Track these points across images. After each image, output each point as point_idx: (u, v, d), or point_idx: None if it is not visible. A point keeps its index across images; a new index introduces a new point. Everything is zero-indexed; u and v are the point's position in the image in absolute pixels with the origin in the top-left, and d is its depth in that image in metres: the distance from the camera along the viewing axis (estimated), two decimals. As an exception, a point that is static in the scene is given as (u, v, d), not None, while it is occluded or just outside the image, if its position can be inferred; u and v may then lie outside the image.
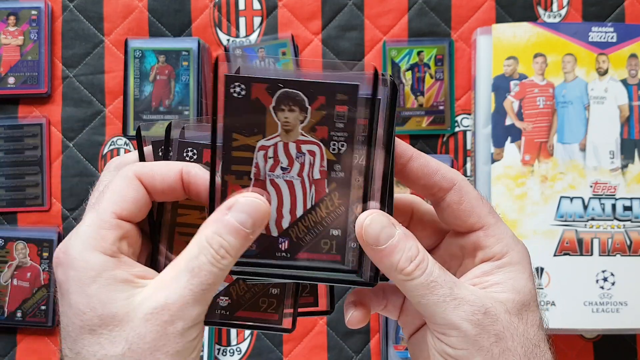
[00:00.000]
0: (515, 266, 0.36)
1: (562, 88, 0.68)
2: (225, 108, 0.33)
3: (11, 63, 0.73)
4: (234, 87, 0.33)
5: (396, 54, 0.72)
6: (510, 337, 0.34)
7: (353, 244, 0.35)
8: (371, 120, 0.34)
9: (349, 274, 0.35)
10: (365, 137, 0.34)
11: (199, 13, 0.73)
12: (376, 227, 0.33)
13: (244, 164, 0.34)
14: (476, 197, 0.36)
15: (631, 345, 0.72)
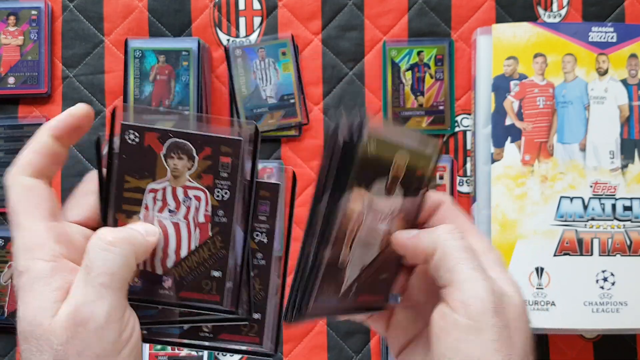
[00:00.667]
0: (501, 264, 0.39)
1: (562, 88, 0.68)
2: (120, 152, 0.36)
3: (11, 63, 0.73)
4: (129, 134, 0.36)
5: (396, 54, 0.72)
6: (517, 329, 0.36)
7: (229, 284, 0.37)
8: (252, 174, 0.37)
9: (227, 314, 0.37)
10: (246, 187, 0.37)
11: (199, 13, 0.73)
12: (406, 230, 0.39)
13: (134, 204, 0.37)
14: (458, 211, 0.40)
15: (631, 346, 0.72)
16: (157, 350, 0.70)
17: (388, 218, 0.37)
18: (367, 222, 0.36)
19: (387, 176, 0.36)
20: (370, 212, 0.36)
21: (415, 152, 0.37)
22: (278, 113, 0.72)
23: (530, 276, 0.67)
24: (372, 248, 0.38)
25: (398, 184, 0.37)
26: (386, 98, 0.72)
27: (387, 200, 0.37)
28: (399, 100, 0.72)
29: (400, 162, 0.36)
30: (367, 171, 0.35)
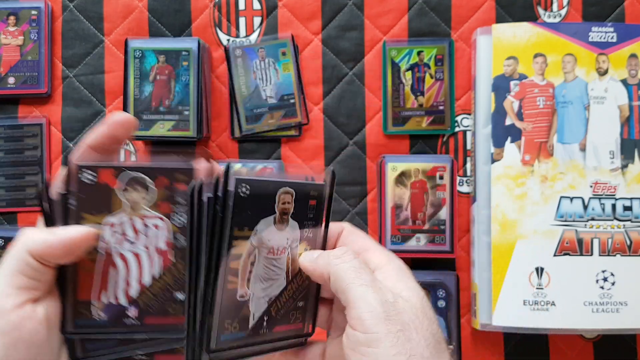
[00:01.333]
0: (400, 272, 0.41)
1: (562, 88, 0.68)
2: (77, 191, 0.38)
3: (11, 63, 0.73)
4: (84, 174, 0.38)
5: (396, 54, 0.72)
6: (415, 329, 0.37)
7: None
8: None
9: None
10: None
11: (199, 13, 0.73)
12: (312, 252, 0.42)
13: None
14: (360, 233, 0.43)
15: (631, 346, 0.72)
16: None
17: (287, 250, 0.41)
18: (262, 258, 0.40)
19: (274, 213, 0.40)
20: (262, 248, 0.39)
21: (302, 185, 0.41)
22: (278, 113, 0.72)
23: (530, 276, 0.67)
24: (276, 280, 0.40)
25: (289, 217, 0.40)
26: (386, 98, 0.72)
27: (280, 234, 0.40)
28: (399, 100, 0.72)
29: (286, 198, 0.40)
30: (245, 214, 0.38)
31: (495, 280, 0.67)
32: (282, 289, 0.41)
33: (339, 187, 0.73)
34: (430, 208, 0.69)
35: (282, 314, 0.41)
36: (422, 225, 0.69)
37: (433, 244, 0.69)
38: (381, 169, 0.69)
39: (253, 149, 0.73)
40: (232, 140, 0.73)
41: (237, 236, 0.38)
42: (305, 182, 0.41)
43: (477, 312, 0.68)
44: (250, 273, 0.39)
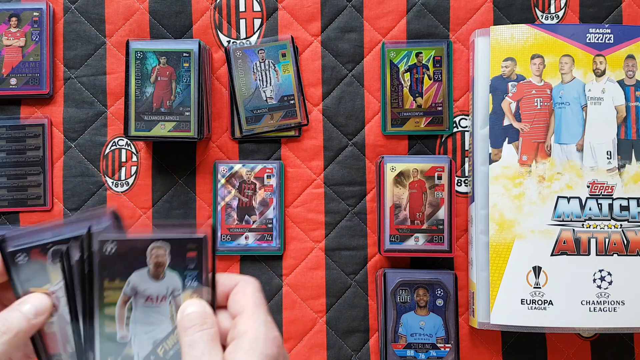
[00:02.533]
0: (252, 344, 0.41)
1: (559, 89, 0.68)
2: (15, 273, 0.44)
3: (13, 64, 0.73)
4: (19, 256, 0.44)
5: (395, 56, 0.73)
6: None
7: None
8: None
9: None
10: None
11: (200, 15, 0.74)
12: (190, 302, 0.44)
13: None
14: (251, 290, 0.44)
15: (628, 344, 0.72)
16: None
17: (169, 298, 0.44)
18: (139, 305, 0.44)
19: (147, 266, 0.44)
20: (139, 297, 0.44)
21: (175, 239, 0.44)
22: (278, 114, 0.73)
23: (527, 275, 0.67)
24: (160, 325, 0.44)
25: (166, 268, 0.44)
26: (385, 99, 0.73)
27: (157, 284, 0.44)
28: (398, 101, 0.72)
29: (158, 252, 0.44)
30: (114, 268, 0.43)
31: (493, 279, 0.67)
32: (167, 333, 0.44)
33: (339, 187, 0.73)
34: (429, 208, 0.69)
35: (171, 355, 0.44)
36: (420, 225, 0.69)
37: (431, 243, 0.69)
38: (380, 169, 0.70)
39: (253, 149, 0.74)
40: (232, 141, 0.74)
41: (109, 287, 0.44)
42: (178, 236, 0.44)
43: (475, 311, 0.69)
44: (129, 318, 0.44)
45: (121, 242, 0.44)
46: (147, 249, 0.44)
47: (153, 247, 0.44)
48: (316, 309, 0.72)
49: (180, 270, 0.44)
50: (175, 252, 0.44)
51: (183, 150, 0.74)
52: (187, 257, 0.44)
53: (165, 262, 0.44)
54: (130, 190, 0.74)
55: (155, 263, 0.44)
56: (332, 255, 0.73)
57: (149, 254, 0.44)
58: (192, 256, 0.44)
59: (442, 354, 0.68)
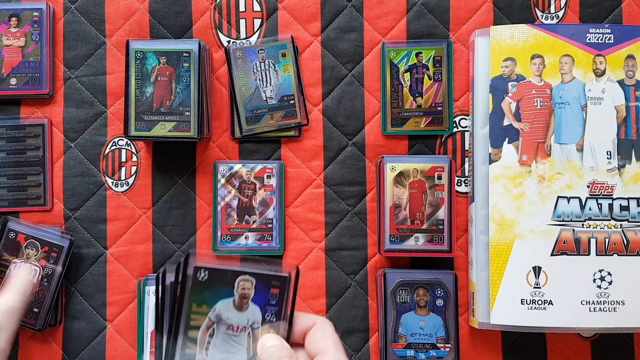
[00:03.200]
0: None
1: (559, 89, 0.68)
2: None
3: (13, 64, 0.73)
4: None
5: (395, 55, 0.73)
6: None
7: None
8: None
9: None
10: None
11: (200, 15, 0.74)
12: (269, 337, 0.47)
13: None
14: (328, 332, 0.47)
15: (628, 344, 0.72)
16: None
17: (248, 329, 0.47)
18: (220, 332, 0.47)
19: (234, 296, 0.47)
20: (221, 324, 0.47)
21: (263, 275, 0.47)
22: (278, 114, 0.73)
23: (527, 275, 0.67)
24: (236, 354, 0.47)
25: (249, 301, 0.47)
26: (385, 99, 0.73)
27: (239, 314, 0.47)
28: (398, 101, 0.72)
29: (245, 285, 0.47)
30: (203, 294, 0.46)
31: (493, 279, 0.67)
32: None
33: (339, 187, 0.73)
34: (429, 208, 0.69)
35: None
36: (420, 225, 0.69)
37: (431, 243, 0.69)
38: (380, 169, 0.70)
39: (253, 149, 0.74)
40: (232, 141, 0.74)
41: (196, 311, 0.47)
42: (266, 272, 0.47)
43: (475, 311, 0.69)
44: (209, 343, 0.47)
45: (213, 270, 0.47)
46: (235, 281, 0.47)
47: (241, 280, 0.47)
48: (316, 309, 0.72)
49: (262, 305, 0.48)
50: (260, 286, 0.47)
51: (183, 150, 0.74)
52: (270, 293, 0.48)
53: (251, 294, 0.47)
54: (130, 190, 0.74)
55: (241, 294, 0.47)
56: (332, 255, 0.73)
57: (237, 285, 0.47)
58: (275, 292, 0.48)
59: (442, 354, 0.68)
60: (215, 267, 0.47)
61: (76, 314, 0.73)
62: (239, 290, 0.47)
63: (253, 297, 0.47)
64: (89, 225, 0.73)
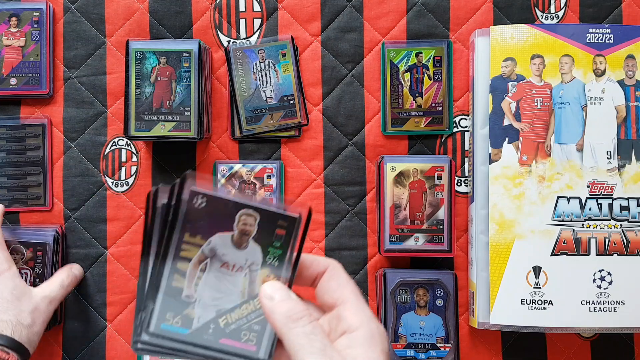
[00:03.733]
0: (368, 340, 0.40)
1: (559, 89, 0.68)
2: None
3: (13, 64, 0.73)
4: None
5: (395, 55, 0.73)
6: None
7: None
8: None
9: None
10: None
11: (200, 15, 0.74)
12: (273, 288, 0.41)
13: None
14: (344, 278, 0.42)
15: (628, 344, 0.72)
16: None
17: (245, 270, 0.42)
18: (214, 269, 0.42)
19: (233, 231, 0.42)
20: (215, 260, 0.42)
21: (268, 212, 0.42)
22: (278, 114, 0.73)
23: (527, 275, 0.67)
24: (229, 295, 0.42)
25: (250, 239, 0.42)
26: (385, 99, 0.73)
27: (237, 252, 0.42)
28: (398, 101, 0.72)
29: (247, 220, 0.42)
30: (198, 224, 0.41)
31: (493, 279, 0.67)
32: (234, 305, 0.42)
33: (339, 187, 0.73)
34: (429, 208, 0.69)
35: (232, 330, 0.42)
36: (420, 225, 0.69)
37: (431, 243, 0.69)
38: (380, 169, 0.70)
39: (253, 149, 0.74)
40: (232, 141, 0.74)
41: (188, 241, 0.41)
42: (273, 209, 0.42)
43: (475, 311, 0.69)
44: (200, 279, 0.42)
45: (212, 199, 0.41)
46: (236, 214, 0.42)
47: (244, 214, 0.42)
48: (316, 309, 0.72)
49: (265, 245, 0.42)
50: (264, 224, 0.42)
51: (183, 150, 0.74)
52: (275, 234, 0.42)
53: (252, 232, 0.42)
54: (130, 190, 0.74)
55: (242, 230, 0.42)
56: (332, 255, 0.73)
57: (238, 219, 0.42)
58: (280, 234, 0.42)
59: (442, 354, 0.68)
60: (215, 195, 0.41)
61: (76, 314, 0.73)
62: (239, 225, 0.42)
63: (255, 236, 0.42)
64: (89, 225, 0.73)
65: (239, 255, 0.42)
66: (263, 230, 0.42)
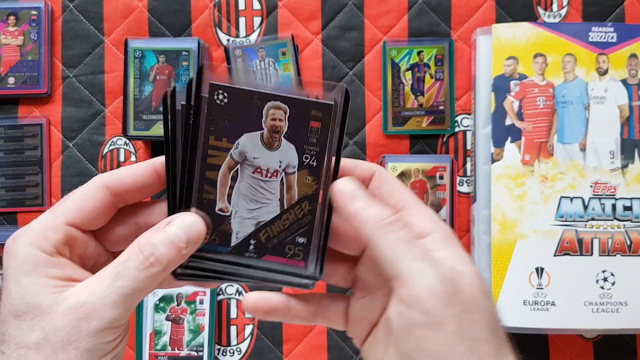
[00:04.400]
0: (447, 240, 0.36)
1: (562, 88, 0.68)
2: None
3: (11, 63, 0.73)
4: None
5: (396, 54, 0.72)
6: (477, 310, 0.34)
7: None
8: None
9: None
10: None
11: (199, 13, 0.73)
12: (352, 185, 0.36)
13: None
14: (395, 182, 0.38)
15: (631, 345, 0.72)
16: (157, 350, 0.70)
17: (281, 174, 0.37)
18: (246, 175, 0.37)
19: (262, 129, 0.36)
20: (246, 165, 0.37)
21: (298, 102, 0.36)
22: (278, 113, 0.72)
23: (530, 276, 0.67)
24: (266, 205, 0.37)
25: (282, 137, 0.37)
26: (386, 98, 0.72)
27: (269, 154, 0.37)
28: (399, 100, 0.72)
29: (276, 114, 0.36)
30: (223, 124, 0.36)
31: (496, 280, 0.67)
32: (274, 217, 0.38)
33: (339, 187, 0.73)
34: (431, 208, 0.69)
35: (275, 244, 0.38)
36: (422, 225, 0.68)
37: (433, 244, 0.68)
38: (381, 169, 0.69)
39: (253, 149, 0.73)
40: (232, 140, 0.73)
41: (214, 146, 0.36)
42: (303, 98, 0.36)
43: (477, 312, 0.68)
44: (232, 189, 0.37)
45: (235, 91, 0.36)
46: (264, 108, 0.36)
47: (271, 107, 0.36)
48: (317, 309, 0.72)
49: (299, 143, 0.37)
50: (295, 117, 0.36)
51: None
52: (310, 127, 0.37)
53: (283, 128, 0.37)
54: (129, 190, 0.73)
55: (271, 127, 0.36)
56: (333, 255, 0.72)
57: (265, 114, 0.36)
58: (315, 126, 0.37)
59: (444, 355, 0.67)
60: (238, 87, 0.36)
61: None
62: (268, 121, 0.36)
63: (287, 132, 0.37)
64: (88, 225, 0.73)
65: (271, 157, 0.37)
66: (295, 125, 0.37)
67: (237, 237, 0.37)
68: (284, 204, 0.38)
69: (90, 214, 0.36)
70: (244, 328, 0.72)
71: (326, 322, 0.41)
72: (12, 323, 0.33)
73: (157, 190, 0.38)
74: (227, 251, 0.37)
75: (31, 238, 0.35)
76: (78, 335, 0.33)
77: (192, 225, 0.35)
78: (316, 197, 0.38)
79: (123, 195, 0.37)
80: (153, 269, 0.34)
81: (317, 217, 0.38)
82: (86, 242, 0.37)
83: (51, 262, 0.34)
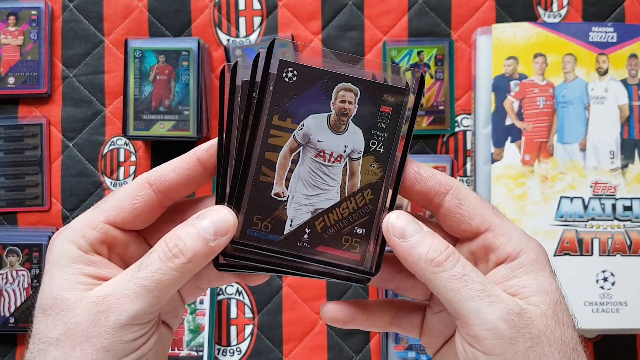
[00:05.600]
0: (534, 265, 0.35)
1: (562, 88, 0.68)
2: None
3: (11, 63, 0.73)
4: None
5: (396, 54, 0.72)
6: (547, 342, 0.32)
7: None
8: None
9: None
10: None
11: (199, 13, 0.73)
12: (403, 221, 0.34)
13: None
14: (476, 198, 0.35)
15: (631, 345, 0.72)
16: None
17: (345, 159, 0.35)
18: (307, 159, 0.35)
19: (329, 111, 0.35)
20: (309, 148, 0.35)
21: (371, 85, 0.34)
22: (278, 113, 0.72)
23: (530, 276, 0.67)
24: (326, 192, 0.35)
25: (349, 121, 0.35)
26: (386, 98, 0.72)
27: (335, 137, 0.35)
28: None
29: (346, 96, 0.35)
30: (289, 103, 0.34)
31: (496, 280, 0.67)
32: (333, 205, 0.35)
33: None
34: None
35: (331, 234, 0.35)
36: (422, 225, 0.69)
37: (433, 244, 0.69)
38: (381, 169, 0.69)
39: (253, 149, 0.73)
40: (232, 140, 0.73)
41: (278, 126, 0.34)
42: (377, 81, 0.35)
43: (477, 312, 0.68)
44: (291, 172, 0.35)
45: (306, 70, 0.34)
46: (333, 89, 0.34)
47: (341, 88, 0.34)
48: (317, 310, 0.72)
49: (367, 128, 0.35)
50: (366, 101, 0.34)
51: (182, 150, 0.73)
52: (380, 112, 0.35)
53: (352, 111, 0.35)
54: (129, 190, 0.73)
55: (340, 109, 0.35)
56: (333, 255, 0.72)
57: (335, 95, 0.34)
58: (386, 111, 0.35)
59: (444, 355, 0.67)
60: (309, 67, 0.34)
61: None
62: (337, 103, 0.34)
63: (355, 115, 0.34)
64: (88, 225, 0.73)
65: (337, 140, 0.35)
66: (364, 108, 0.35)
67: (291, 225, 0.35)
68: (344, 191, 0.35)
69: (132, 213, 0.34)
70: (244, 328, 0.72)
71: (401, 331, 0.40)
72: (39, 317, 0.32)
73: (203, 183, 0.36)
74: (278, 240, 0.35)
75: (69, 234, 0.34)
76: (96, 330, 0.31)
77: (221, 217, 0.33)
78: (380, 185, 0.35)
79: (167, 191, 0.35)
80: (177, 260, 0.32)
81: (379, 207, 0.36)
82: (127, 241, 0.35)
83: (86, 260, 0.33)
